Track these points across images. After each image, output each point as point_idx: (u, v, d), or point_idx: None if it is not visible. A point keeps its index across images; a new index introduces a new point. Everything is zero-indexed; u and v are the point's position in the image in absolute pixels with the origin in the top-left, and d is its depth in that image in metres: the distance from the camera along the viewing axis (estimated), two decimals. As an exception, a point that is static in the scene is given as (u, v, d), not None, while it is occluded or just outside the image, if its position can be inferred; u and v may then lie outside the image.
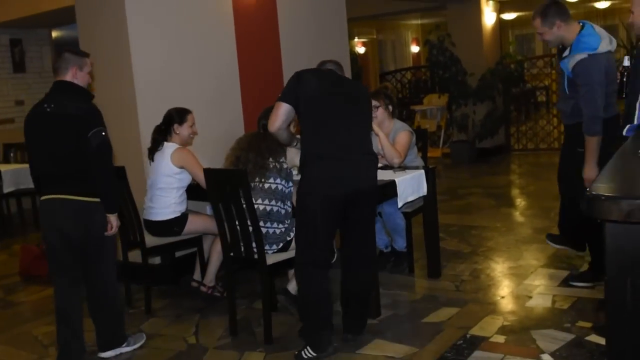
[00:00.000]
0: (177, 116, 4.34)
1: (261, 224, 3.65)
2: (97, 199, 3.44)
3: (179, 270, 4.92)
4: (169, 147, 4.26)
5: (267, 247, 3.68)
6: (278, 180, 3.81)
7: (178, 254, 4.93)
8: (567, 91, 4.00)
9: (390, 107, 4.76)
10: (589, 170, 3.88)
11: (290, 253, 3.76)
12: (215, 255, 4.37)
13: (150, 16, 4.92)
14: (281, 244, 3.79)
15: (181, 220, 4.32)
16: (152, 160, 4.35)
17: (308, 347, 3.39)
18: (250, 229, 3.59)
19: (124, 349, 3.71)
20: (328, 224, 3.38)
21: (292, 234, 3.70)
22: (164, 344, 3.84)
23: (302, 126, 3.41)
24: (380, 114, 4.65)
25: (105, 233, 3.52)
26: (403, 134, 4.64)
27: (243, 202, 3.56)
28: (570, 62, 3.90)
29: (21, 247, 5.64)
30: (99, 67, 5.04)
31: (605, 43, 3.87)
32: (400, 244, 4.98)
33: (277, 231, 3.77)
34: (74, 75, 3.48)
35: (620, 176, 1.69)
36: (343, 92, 3.44)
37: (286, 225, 3.82)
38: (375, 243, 3.66)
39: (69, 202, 3.41)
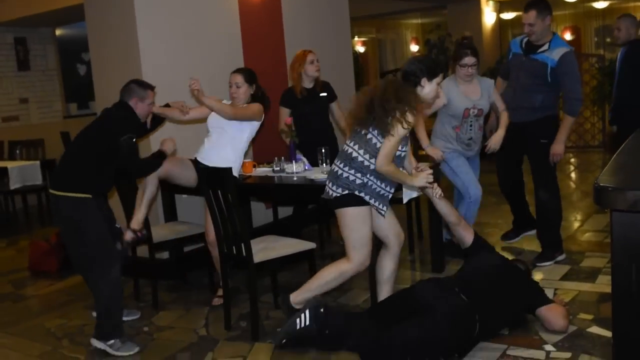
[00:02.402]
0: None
1: (339, 164, 3.49)
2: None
3: (186, 266, 5.00)
4: None
5: (332, 185, 3.50)
6: (375, 132, 3.40)
7: (186, 249, 5.02)
8: (549, 79, 4.40)
9: None
10: (560, 146, 4.48)
11: (280, 251, 3.79)
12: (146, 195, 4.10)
13: (158, 16, 5.00)
14: (347, 191, 3.45)
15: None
16: None
17: None
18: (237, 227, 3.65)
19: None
20: None
21: (363, 192, 3.43)
22: (174, 335, 3.93)
23: None
24: None
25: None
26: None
27: (230, 199, 3.63)
28: (554, 53, 4.38)
29: (30, 243, 5.71)
30: (107, 65, 5.13)
31: None
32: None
33: (351, 177, 3.44)
34: (134, 105, 3.76)
35: (626, 169, 1.79)
36: None
37: (363, 180, 3.44)
38: None
39: None
